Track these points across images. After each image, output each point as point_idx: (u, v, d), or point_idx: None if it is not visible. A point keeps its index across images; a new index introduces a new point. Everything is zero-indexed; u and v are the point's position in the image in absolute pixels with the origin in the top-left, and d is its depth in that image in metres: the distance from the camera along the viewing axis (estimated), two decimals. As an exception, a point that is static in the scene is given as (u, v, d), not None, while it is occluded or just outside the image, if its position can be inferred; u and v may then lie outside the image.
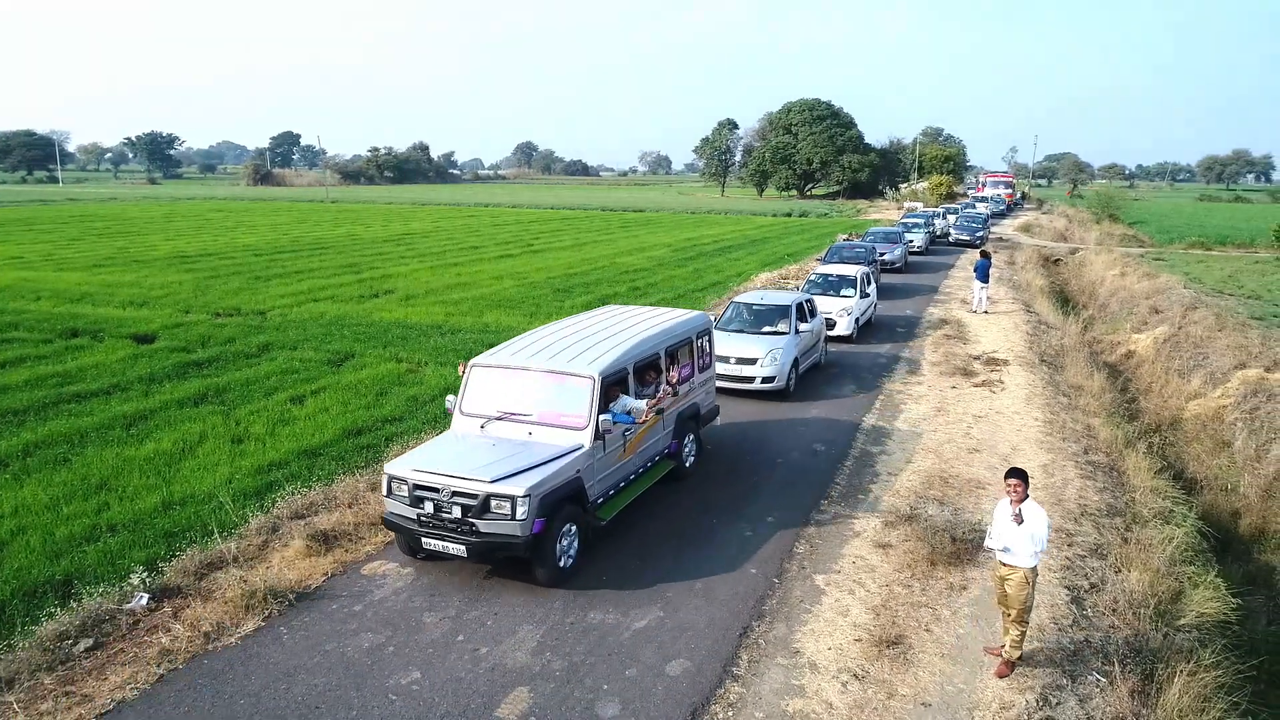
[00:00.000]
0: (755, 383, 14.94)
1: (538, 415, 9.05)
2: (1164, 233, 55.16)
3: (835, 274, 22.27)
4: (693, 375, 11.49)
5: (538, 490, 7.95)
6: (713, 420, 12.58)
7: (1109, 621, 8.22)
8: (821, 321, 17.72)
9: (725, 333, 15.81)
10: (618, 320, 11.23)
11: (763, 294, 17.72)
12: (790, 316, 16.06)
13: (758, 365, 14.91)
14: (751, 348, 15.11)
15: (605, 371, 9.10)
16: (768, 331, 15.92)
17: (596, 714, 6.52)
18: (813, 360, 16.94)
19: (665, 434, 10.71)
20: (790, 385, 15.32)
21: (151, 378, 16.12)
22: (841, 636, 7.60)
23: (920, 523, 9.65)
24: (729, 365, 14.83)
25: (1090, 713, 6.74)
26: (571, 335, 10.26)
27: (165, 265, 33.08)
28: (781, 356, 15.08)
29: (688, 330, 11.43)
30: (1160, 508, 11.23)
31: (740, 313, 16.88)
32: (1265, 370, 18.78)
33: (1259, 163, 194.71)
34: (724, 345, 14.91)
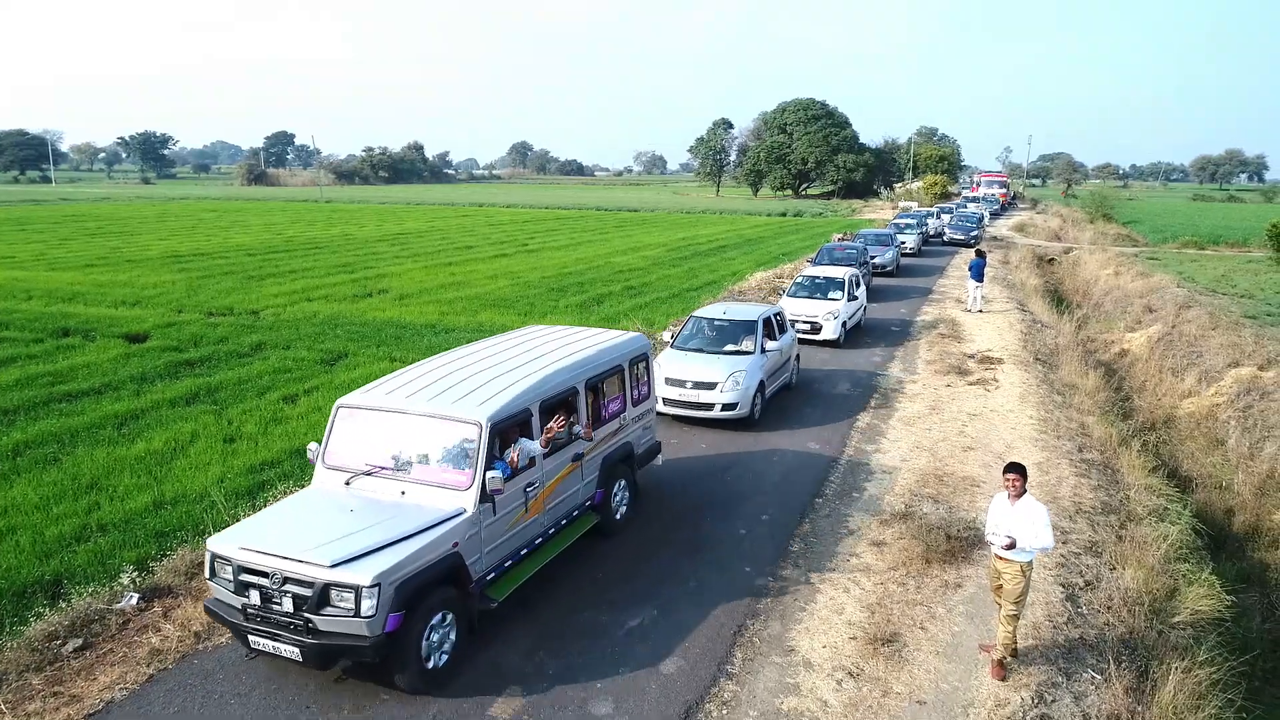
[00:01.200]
0: (715, 410, 13.15)
1: (414, 470, 7.30)
2: (1157, 232, 55.33)
3: (822, 276, 21.67)
4: (624, 409, 9.78)
5: (393, 576, 6.23)
6: (653, 459, 10.76)
7: (1104, 619, 8.21)
8: (793, 338, 16.05)
9: (683, 352, 14.19)
10: (532, 346, 9.44)
11: (726, 307, 15.79)
12: (756, 333, 14.29)
13: (717, 390, 13.05)
14: (711, 370, 13.31)
15: (498, 415, 7.36)
16: (730, 351, 14.16)
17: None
18: (782, 381, 15.31)
19: (587, 482, 8.99)
20: (755, 412, 13.56)
21: (143, 377, 16.04)
22: (836, 635, 7.58)
23: (915, 520, 9.64)
24: (685, 390, 13.22)
25: (1086, 710, 6.73)
26: (468, 367, 8.51)
27: (158, 265, 32.93)
28: (745, 380, 13.24)
29: (618, 356, 9.67)
30: (1154, 505, 11.24)
31: (700, 329, 15.05)
32: (1259, 368, 18.83)
33: (1252, 163, 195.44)
34: (680, 367, 13.50)
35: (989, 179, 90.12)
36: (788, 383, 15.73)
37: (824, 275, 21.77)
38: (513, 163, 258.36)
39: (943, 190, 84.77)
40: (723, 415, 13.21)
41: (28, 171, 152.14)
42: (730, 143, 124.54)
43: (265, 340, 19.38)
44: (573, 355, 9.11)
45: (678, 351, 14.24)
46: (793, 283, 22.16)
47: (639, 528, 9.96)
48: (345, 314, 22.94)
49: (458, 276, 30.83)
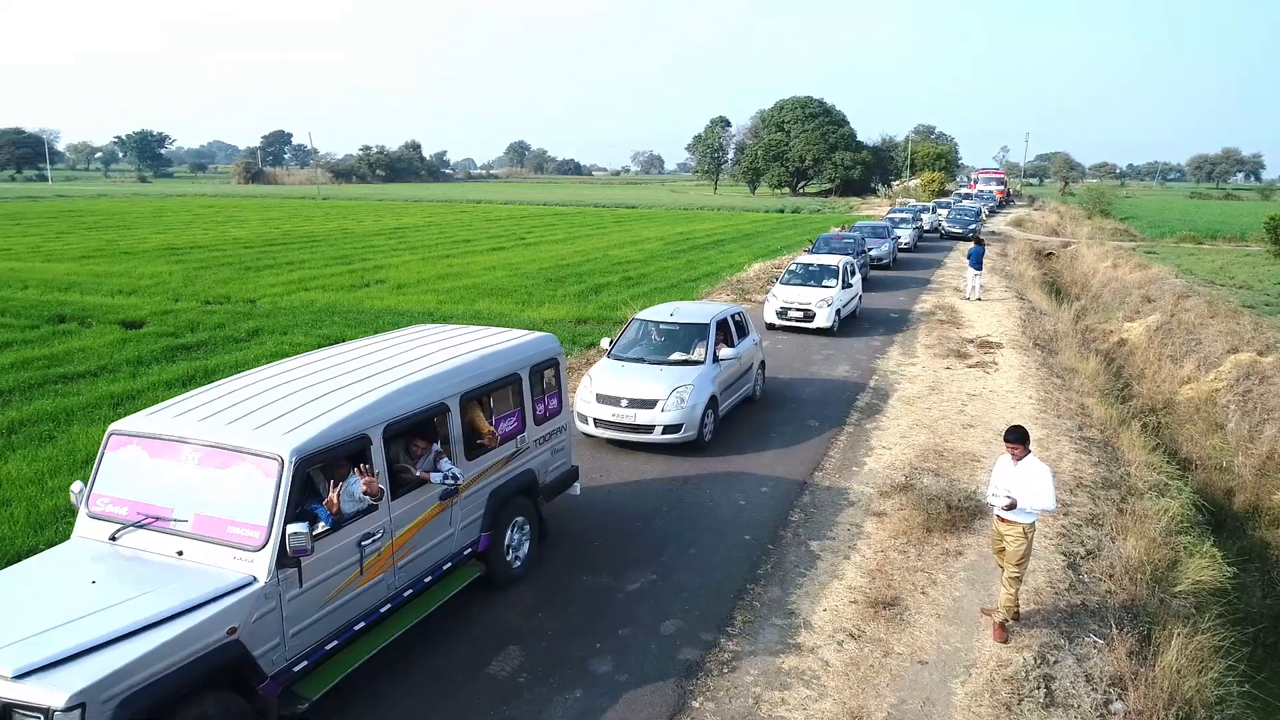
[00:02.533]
0: (655, 433, 11.05)
1: (194, 521, 5.53)
2: (1155, 227, 55.32)
3: (816, 263, 21.21)
4: (523, 429, 7.93)
5: (111, 689, 4.44)
6: (567, 488, 8.92)
7: (1105, 586, 8.17)
8: (754, 341, 13.82)
9: (620, 363, 12.05)
10: (400, 351, 7.63)
11: (675, 307, 13.46)
12: (708, 339, 12.11)
13: (658, 409, 10.95)
14: (651, 385, 11.17)
15: (309, 446, 5.59)
16: (677, 361, 11.98)
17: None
18: (742, 394, 13.22)
19: (466, 525, 7.15)
20: (706, 433, 11.44)
21: (139, 360, 15.96)
22: (837, 599, 7.53)
23: (915, 492, 9.60)
24: (619, 409, 11.09)
25: (1088, 671, 6.68)
26: (300, 380, 6.69)
27: (154, 256, 32.84)
28: (692, 396, 11.11)
29: (513, 363, 7.84)
30: (1155, 482, 11.21)
31: (645, 334, 12.85)
32: (1258, 354, 18.81)
33: (1249, 162, 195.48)
34: (613, 381, 11.40)
35: (986, 176, 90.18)
36: (750, 395, 13.62)
37: (818, 262, 21.33)
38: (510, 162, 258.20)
39: (940, 188, 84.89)
40: (665, 439, 11.11)
41: (24, 170, 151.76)
42: (728, 141, 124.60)
43: (262, 326, 19.31)
44: (445, 362, 7.22)
45: (614, 363, 12.08)
46: (786, 270, 21.72)
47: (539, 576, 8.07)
48: (342, 302, 22.87)
49: (455, 268, 30.76)
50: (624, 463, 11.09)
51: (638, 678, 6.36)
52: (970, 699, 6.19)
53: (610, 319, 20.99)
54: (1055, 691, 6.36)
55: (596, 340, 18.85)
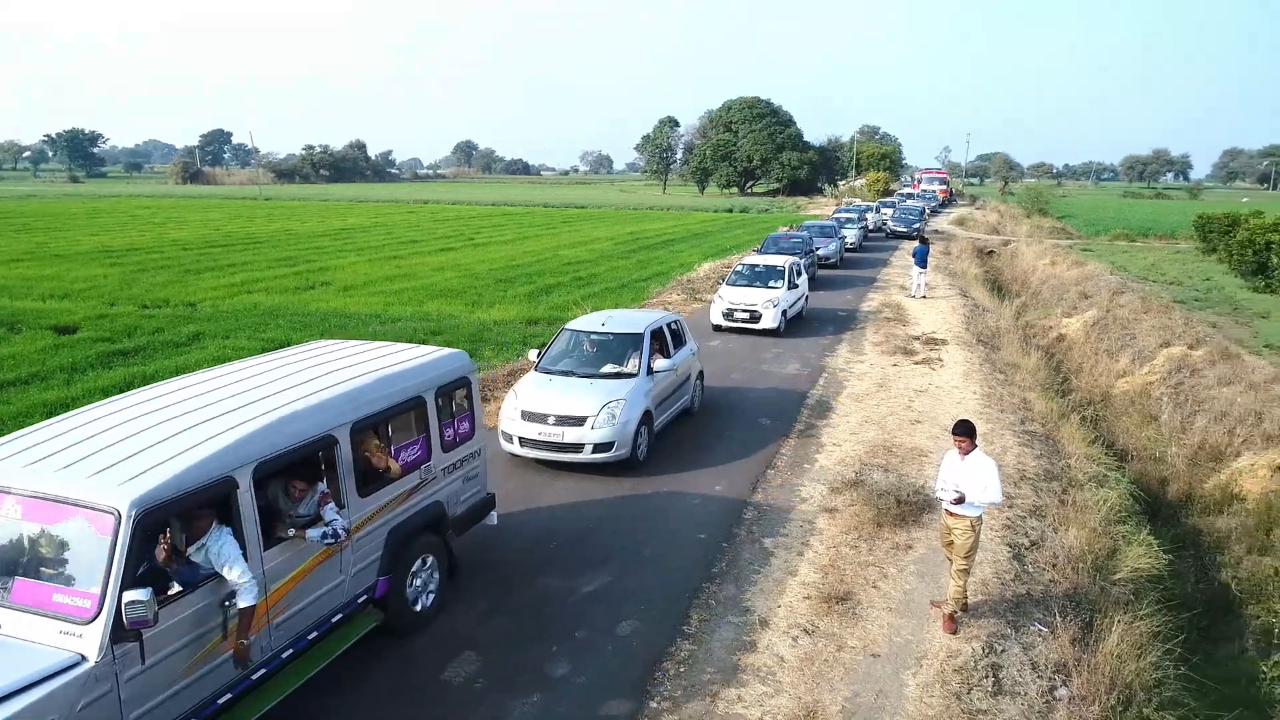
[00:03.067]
0: (584, 452, 10.36)
1: (14, 587, 4.74)
2: (1090, 226, 56.95)
3: (762, 264, 21.16)
4: (428, 458, 7.16)
5: None
6: (483, 518, 8.22)
7: (1049, 576, 8.40)
8: (691, 351, 13.14)
9: (548, 376, 11.28)
10: (286, 374, 6.69)
11: (607, 316, 12.78)
12: (642, 349, 11.43)
13: (587, 426, 10.26)
14: (579, 400, 10.49)
15: (152, 496, 4.71)
16: (609, 374, 11.28)
17: (546, 676, 6.34)
18: (679, 407, 12.60)
19: (360, 571, 6.35)
20: (640, 451, 10.77)
21: (74, 367, 15.46)
22: (791, 595, 7.62)
23: (866, 488, 9.75)
24: (546, 427, 10.37)
25: (1034, 659, 6.86)
26: (151, 414, 5.74)
27: (89, 259, 31.82)
28: (625, 411, 10.42)
29: (415, 385, 7.00)
30: (1094, 473, 11.56)
31: (575, 345, 12.04)
32: (1189, 347, 19.50)
33: (1178, 162, 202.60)
34: (539, 397, 10.66)
35: (929, 176, 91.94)
36: (688, 407, 13.03)
37: (764, 263, 21.27)
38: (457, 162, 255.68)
39: (885, 187, 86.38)
40: (595, 458, 10.41)
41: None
42: (676, 141, 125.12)
43: (204, 330, 18.85)
44: (334, 388, 6.33)
45: (542, 376, 11.32)
46: (732, 271, 21.61)
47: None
48: (287, 305, 22.43)
49: (403, 269, 30.39)
50: (555, 485, 10.35)
51: (595, 680, 6.36)
52: (922, 690, 6.31)
53: (561, 319, 20.89)
54: (1003, 680, 6.52)
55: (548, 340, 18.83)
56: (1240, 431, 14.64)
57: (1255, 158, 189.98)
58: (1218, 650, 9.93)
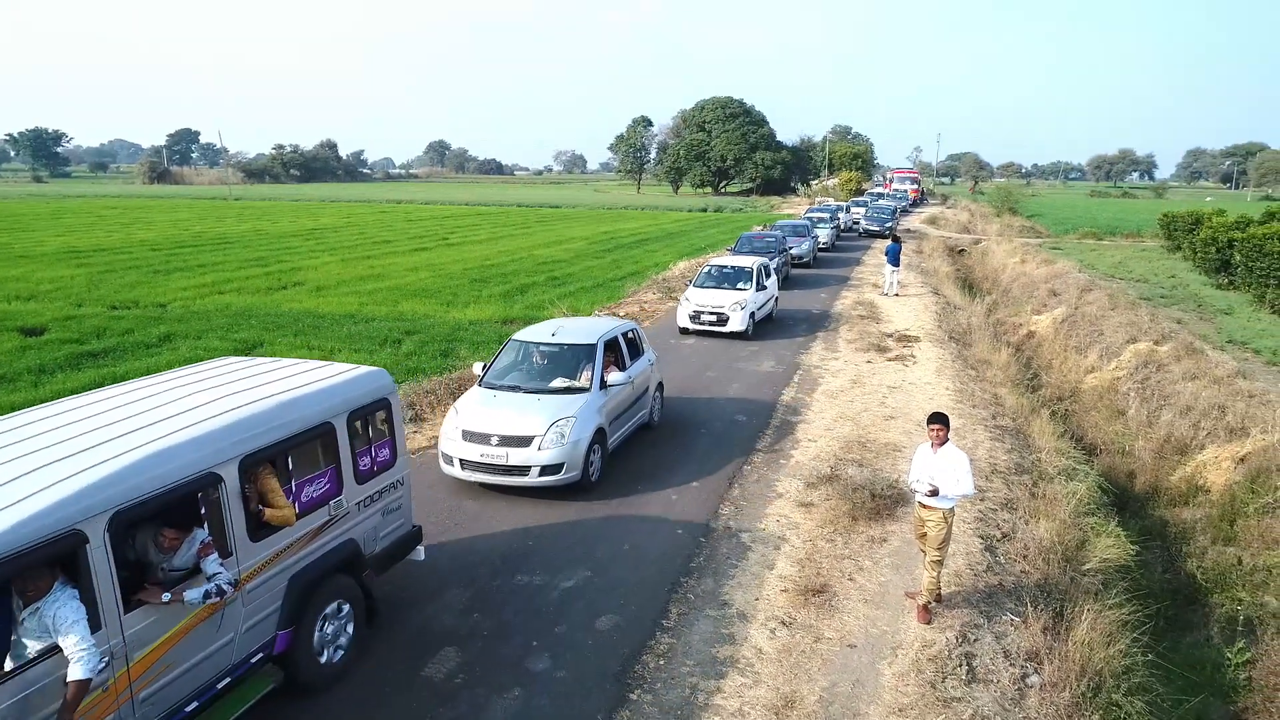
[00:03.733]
0: (531, 475, 9.55)
1: None
2: (1059, 224, 57.75)
3: (730, 265, 20.67)
4: (338, 491, 6.35)
5: None
6: (408, 553, 7.40)
7: (1020, 567, 8.55)
8: (649, 362, 12.35)
9: (492, 393, 10.40)
10: (169, 399, 5.91)
11: (558, 325, 11.82)
12: (594, 362, 10.66)
13: (534, 447, 9.48)
14: (526, 419, 9.69)
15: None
16: (559, 388, 10.43)
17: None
18: (636, 422, 11.84)
19: (255, 625, 5.60)
20: (592, 473, 10.01)
21: (42, 369, 15.23)
22: (768, 588, 7.71)
23: (841, 482, 9.86)
24: (489, 448, 9.55)
25: (1006, 647, 6.99)
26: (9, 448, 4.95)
27: (54, 260, 31.31)
28: (574, 430, 9.65)
29: (323, 410, 6.19)
30: (1064, 466, 11.77)
31: (524, 357, 11.27)
32: (1154, 344, 19.87)
33: (1143, 162, 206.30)
34: (482, 416, 9.84)
35: (901, 175, 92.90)
36: (647, 421, 12.31)
37: (732, 265, 20.81)
38: (430, 161, 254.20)
39: (857, 187, 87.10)
40: (543, 481, 9.59)
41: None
42: (650, 140, 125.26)
43: (174, 331, 18.63)
44: (219, 417, 5.53)
45: (485, 392, 10.48)
46: (699, 272, 21.07)
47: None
48: (259, 305, 22.23)
49: (376, 269, 30.20)
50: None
51: (576, 674, 6.40)
52: (897, 679, 6.41)
53: (537, 319, 20.90)
54: (976, 668, 6.64)
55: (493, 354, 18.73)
56: (1204, 425, 14.93)
57: (1218, 157, 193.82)
58: (1185, 638, 10.17)
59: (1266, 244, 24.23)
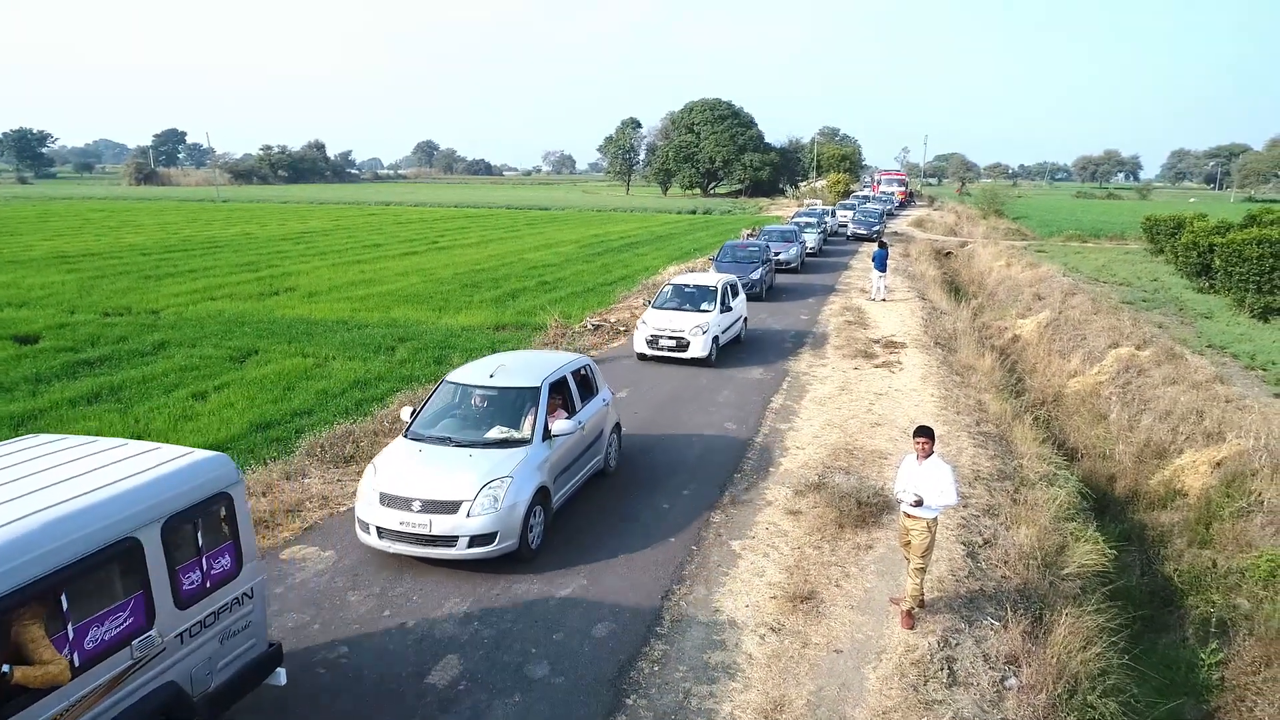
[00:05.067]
0: (459, 546, 8.19)
1: None
2: (1045, 227, 58.37)
3: (692, 284, 18.90)
4: (147, 624, 4.98)
5: None
6: (263, 680, 6.02)
7: (1001, 573, 8.84)
8: (604, 401, 11.00)
9: (417, 445, 8.99)
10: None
11: (500, 364, 10.18)
12: (537, 408, 9.27)
13: (463, 514, 8.15)
14: (454, 479, 8.35)
15: None
16: (494, 440, 9.01)
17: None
18: (589, 471, 10.44)
19: None
20: (533, 540, 8.65)
21: (38, 378, 15.35)
22: (758, 595, 7.97)
23: (828, 490, 10.14)
24: (410, 514, 8.20)
25: (986, 651, 7.27)
26: None
27: (44, 265, 31.32)
28: (511, 492, 8.31)
29: (125, 521, 4.87)
30: (1045, 472, 12.07)
31: (460, 401, 9.81)
32: (1136, 348, 20.26)
33: (1128, 163, 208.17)
34: (406, 473, 8.48)
35: (888, 177, 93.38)
36: (601, 468, 10.91)
37: (694, 284, 19.01)
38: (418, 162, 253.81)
39: (845, 188, 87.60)
40: (473, 554, 8.20)
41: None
42: (639, 142, 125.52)
43: (168, 339, 18.76)
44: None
45: (410, 445, 9.01)
46: (659, 293, 19.36)
47: None
48: (252, 312, 22.35)
49: (367, 274, 30.34)
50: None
51: (573, 680, 6.64)
52: (881, 683, 6.68)
53: (529, 324, 21.13)
54: (957, 672, 6.92)
55: (516, 346, 18.91)
56: (1183, 429, 15.29)
57: (1201, 158, 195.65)
58: (1161, 640, 10.49)
59: (1245, 249, 24.69)
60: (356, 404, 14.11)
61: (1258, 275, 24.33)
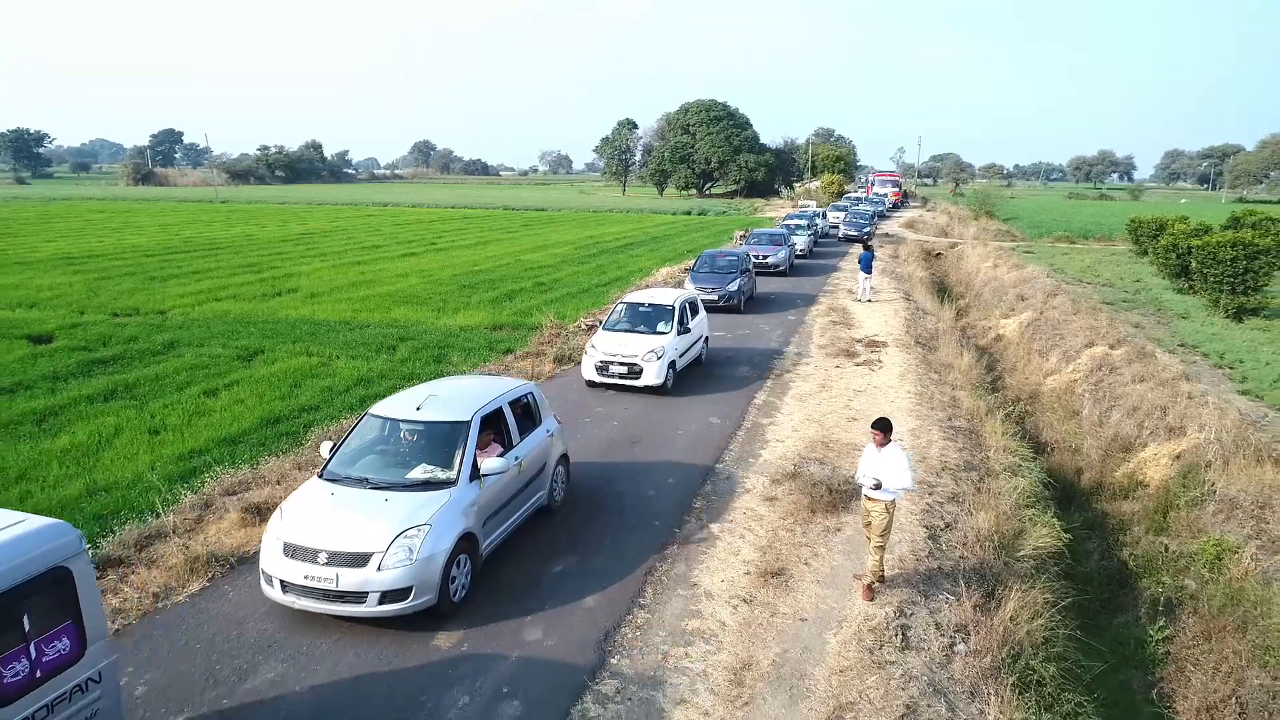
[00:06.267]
0: (369, 603, 7.39)
1: None
2: (1034, 228, 59.13)
3: (647, 303, 17.17)
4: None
5: None
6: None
7: (960, 553, 9.60)
8: (547, 432, 10.16)
9: (333, 486, 8.23)
10: None
11: (430, 394, 9.34)
12: (465, 442, 8.50)
13: (373, 567, 7.37)
14: (366, 527, 7.60)
15: None
16: (415, 482, 8.24)
17: (521, 643, 7.31)
18: (529, 509, 9.60)
19: None
20: (456, 592, 7.90)
21: (55, 376, 16.06)
22: (733, 571, 8.73)
23: (802, 479, 10.90)
24: (316, 567, 7.42)
25: (938, 621, 8.03)
26: None
27: (50, 267, 32.00)
28: (428, 542, 7.54)
29: None
30: (1010, 463, 12.84)
31: (387, 436, 9.04)
32: (1110, 347, 21.02)
33: (1122, 163, 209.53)
34: (313, 520, 7.73)
35: (881, 179, 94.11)
36: (544, 504, 10.02)
37: (649, 302, 17.21)
38: (415, 162, 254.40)
39: (839, 189, 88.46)
40: (384, 611, 7.42)
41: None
42: (635, 143, 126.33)
43: (177, 339, 19.46)
44: None
45: (322, 488, 8.24)
46: (610, 312, 17.63)
47: None
48: (256, 312, 23.06)
49: (367, 275, 31.05)
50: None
51: (564, 642, 7.39)
52: (840, 646, 7.44)
53: (525, 325, 21.86)
54: (910, 638, 7.67)
55: (513, 346, 19.61)
56: (1148, 424, 16.05)
57: (1195, 159, 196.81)
58: (1115, 620, 11.26)
59: (1220, 251, 25.46)
60: (361, 400, 14.82)
61: (1232, 277, 25.10)
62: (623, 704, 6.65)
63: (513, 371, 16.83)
